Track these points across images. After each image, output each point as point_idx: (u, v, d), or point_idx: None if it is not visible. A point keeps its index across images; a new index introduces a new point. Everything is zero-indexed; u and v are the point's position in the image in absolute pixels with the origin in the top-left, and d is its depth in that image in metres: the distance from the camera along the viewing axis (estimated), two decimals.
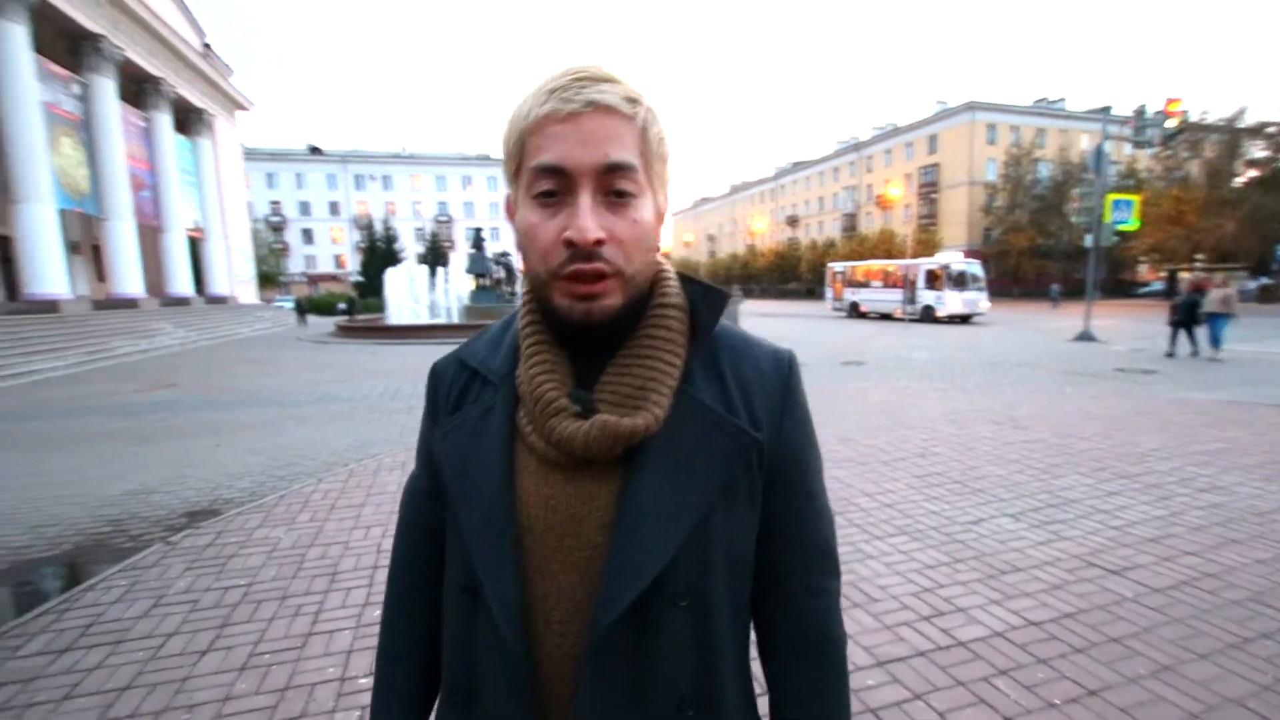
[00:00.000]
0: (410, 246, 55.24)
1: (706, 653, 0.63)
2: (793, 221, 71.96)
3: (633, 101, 0.58)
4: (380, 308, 25.42)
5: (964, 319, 23.07)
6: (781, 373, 0.68)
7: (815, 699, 0.68)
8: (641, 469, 0.61)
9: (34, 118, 16.47)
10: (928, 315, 23.72)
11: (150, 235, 22.86)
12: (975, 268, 23.82)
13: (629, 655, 0.60)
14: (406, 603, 0.77)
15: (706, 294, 0.67)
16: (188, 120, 26.39)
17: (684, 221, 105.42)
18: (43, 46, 17.02)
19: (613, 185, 0.57)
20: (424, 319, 21.91)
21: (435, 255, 42.17)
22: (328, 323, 27.49)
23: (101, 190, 19.99)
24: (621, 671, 0.61)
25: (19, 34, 16.03)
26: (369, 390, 9.55)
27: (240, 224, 31.89)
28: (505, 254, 23.23)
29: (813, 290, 53.78)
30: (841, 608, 0.72)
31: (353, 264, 60.04)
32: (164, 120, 23.64)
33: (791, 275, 60.80)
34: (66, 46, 18.87)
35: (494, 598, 0.62)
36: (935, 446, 5.38)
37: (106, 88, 19.97)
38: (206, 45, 27.41)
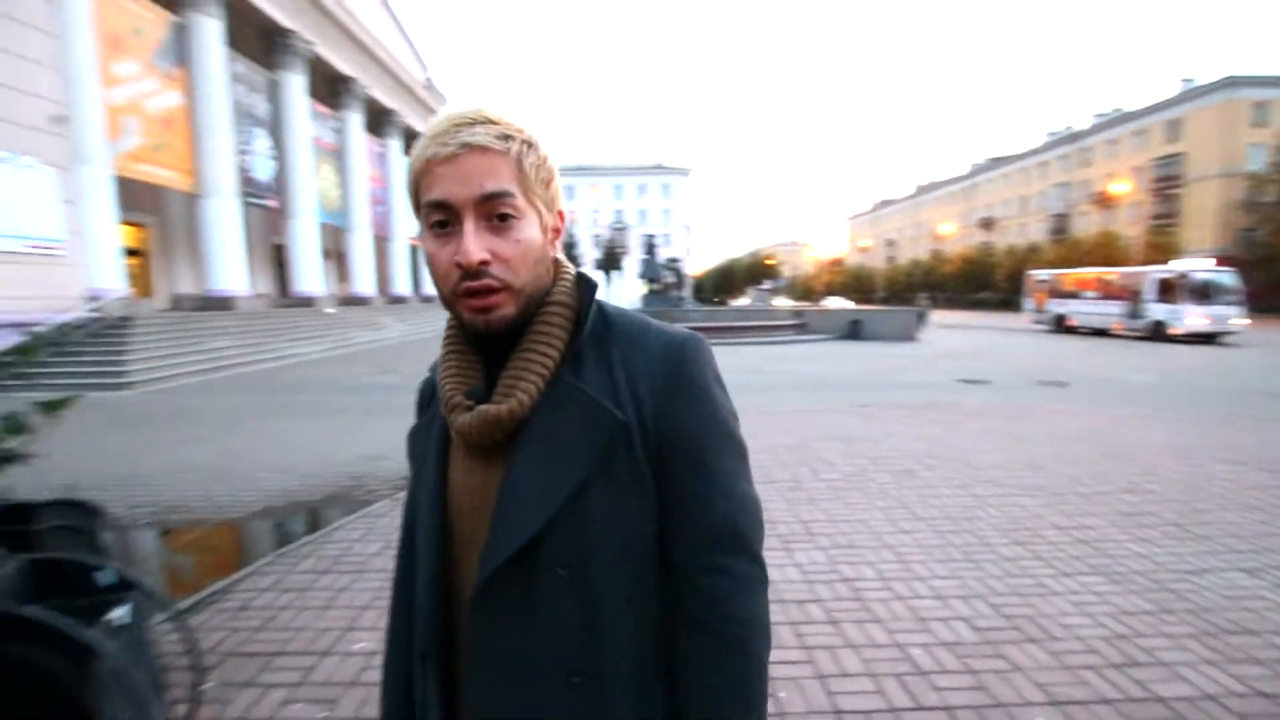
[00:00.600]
0: (587, 253, 58.81)
1: (595, 627, 0.66)
2: (988, 224, 65.03)
3: (506, 138, 0.64)
4: None
5: (1207, 338, 19.27)
6: (670, 356, 0.70)
7: (712, 681, 0.67)
8: (520, 449, 0.67)
9: (306, 150, 20.34)
10: (1158, 332, 20.15)
11: (380, 243, 26.97)
12: (1225, 277, 19.76)
13: (514, 619, 0.66)
14: (403, 591, 0.83)
15: (585, 287, 0.73)
16: (411, 144, 30.75)
17: (861, 225, 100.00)
18: (312, 90, 20.92)
19: (494, 211, 0.64)
20: None
21: (610, 261, 44.52)
22: None
23: (348, 206, 24.06)
24: (508, 634, 0.67)
25: (299, 83, 19.89)
26: None
27: None
28: (676, 259, 23.90)
29: (1008, 301, 48.11)
30: (764, 598, 0.70)
31: None
32: (395, 145, 27.83)
33: (983, 283, 54.96)
34: (328, 89, 22.98)
35: (419, 577, 0.73)
36: (1150, 483, 4.69)
37: (355, 121, 24.01)
38: (428, 79, 31.68)
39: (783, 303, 54.73)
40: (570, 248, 48.04)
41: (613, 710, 0.67)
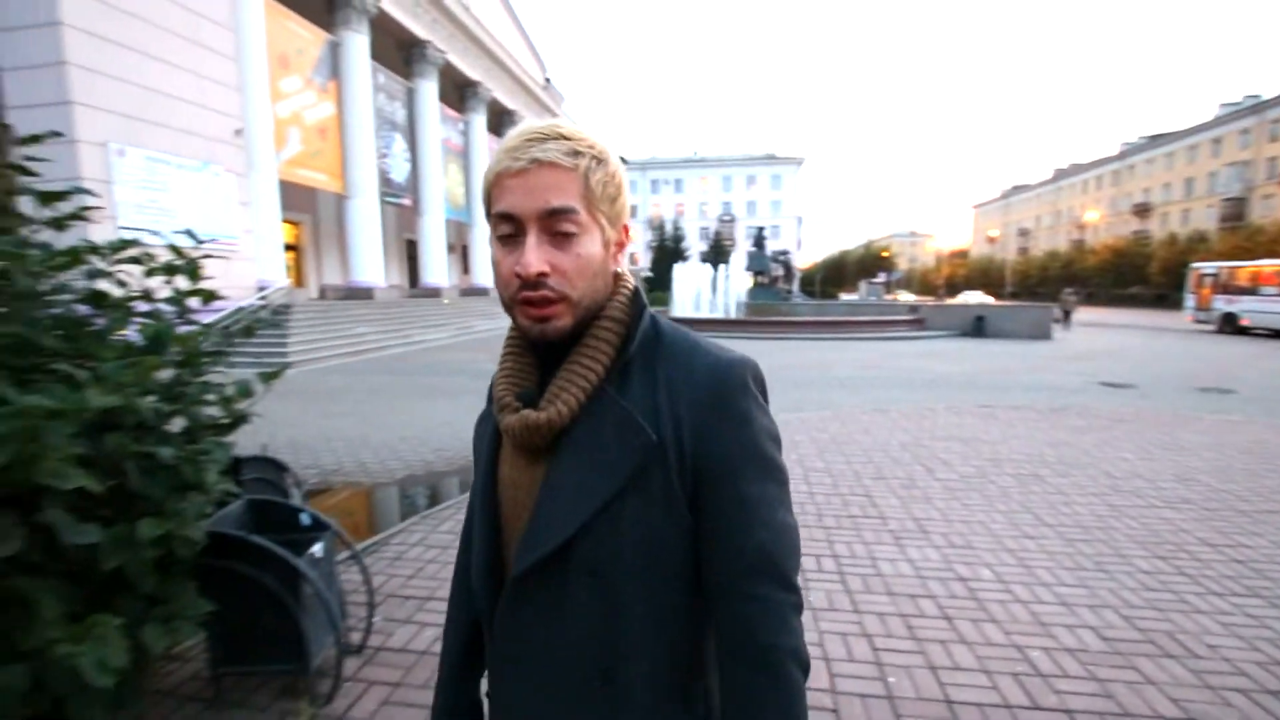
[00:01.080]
0: (694, 245, 58.84)
1: (619, 636, 0.68)
2: (1142, 211, 58.09)
3: (575, 154, 0.66)
4: (666, 301, 27.80)
5: None
6: (714, 378, 0.70)
7: (751, 710, 0.66)
8: (559, 455, 0.70)
9: (436, 151, 21.92)
10: None
11: None
12: None
13: (542, 619, 0.70)
14: (462, 569, 0.89)
15: (638, 303, 0.75)
16: None
17: (988, 215, 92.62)
18: (442, 95, 22.47)
19: (557, 226, 0.66)
20: (704, 314, 23.39)
21: (717, 253, 44.31)
22: None
23: (471, 203, 25.65)
24: (535, 633, 0.71)
25: (431, 90, 21.44)
26: None
27: None
28: (785, 252, 23.41)
29: (1164, 297, 42.89)
30: (798, 625, 0.69)
31: (644, 261, 66.21)
32: None
33: (1134, 277, 49.22)
34: (456, 94, 24.57)
35: (473, 561, 0.78)
36: None
37: (479, 123, 25.51)
38: (547, 80, 32.95)
39: (907, 297, 51.86)
40: (677, 241, 48.31)
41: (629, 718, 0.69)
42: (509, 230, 0.67)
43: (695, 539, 0.70)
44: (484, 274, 26.50)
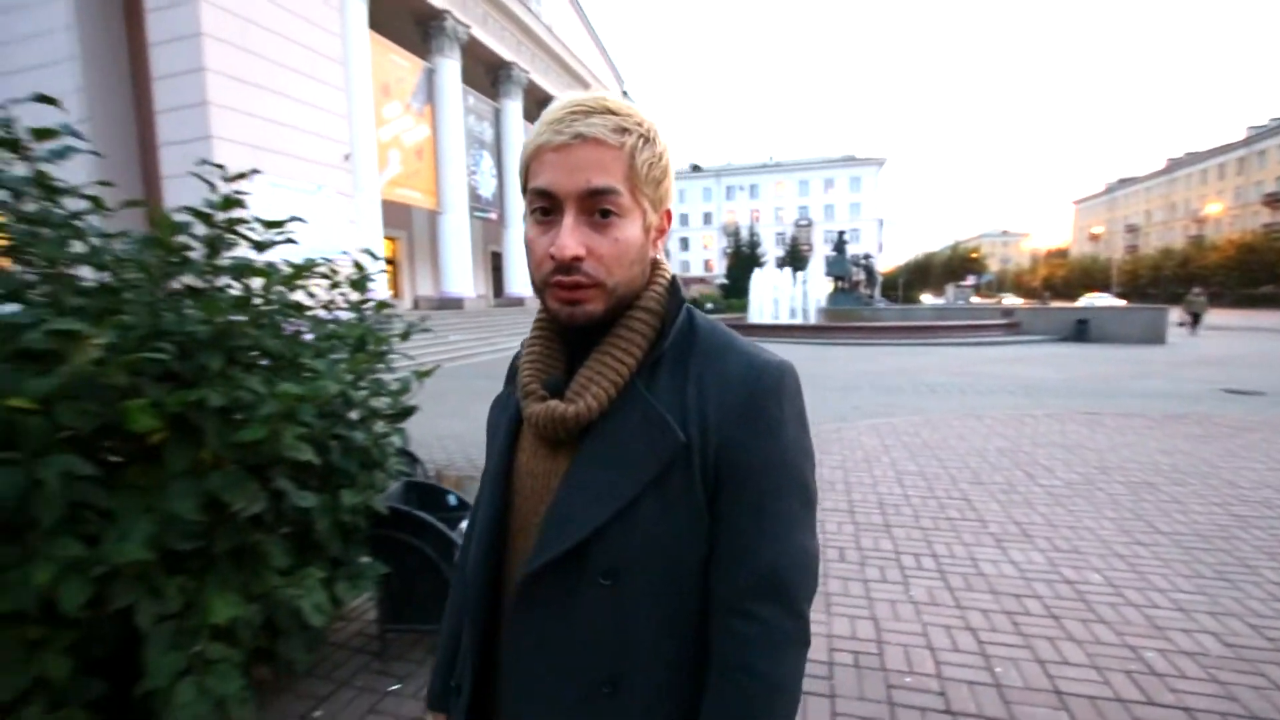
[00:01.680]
0: (770, 250, 58.18)
1: (628, 642, 0.65)
2: (1275, 201, 52.50)
3: (622, 131, 0.63)
4: (743, 308, 27.70)
5: None
6: (748, 381, 0.66)
7: None
8: (583, 450, 0.67)
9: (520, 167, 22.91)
10: None
11: None
12: None
13: (552, 621, 0.66)
14: (462, 571, 0.86)
15: (675, 294, 0.72)
16: None
17: (1091, 211, 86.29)
18: (525, 113, 23.50)
19: (597, 207, 0.62)
20: (783, 319, 23.18)
21: (794, 258, 43.67)
22: None
23: None
24: (543, 634, 0.67)
25: (516, 108, 22.51)
26: None
27: None
28: (867, 255, 22.90)
29: None
30: (797, 660, 0.65)
31: (719, 268, 66.08)
32: None
33: (1265, 275, 44.53)
34: (539, 111, 25.55)
35: (475, 546, 0.75)
36: None
37: None
38: (624, 92, 33.72)
39: (1011, 300, 49.42)
40: (753, 248, 47.94)
41: None
42: (545, 206, 0.64)
43: (710, 548, 0.67)
44: None
